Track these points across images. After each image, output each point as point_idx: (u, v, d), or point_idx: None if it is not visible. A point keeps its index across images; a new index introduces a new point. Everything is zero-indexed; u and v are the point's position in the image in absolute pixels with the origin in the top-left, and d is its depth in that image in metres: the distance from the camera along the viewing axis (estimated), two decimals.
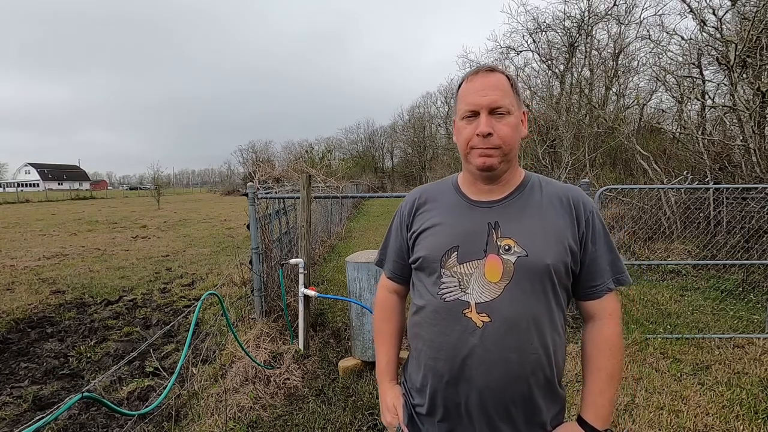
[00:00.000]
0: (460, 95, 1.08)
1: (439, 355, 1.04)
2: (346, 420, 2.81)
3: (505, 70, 1.09)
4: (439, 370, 1.04)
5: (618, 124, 11.04)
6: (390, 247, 1.25)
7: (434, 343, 1.05)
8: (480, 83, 1.03)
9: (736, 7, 7.86)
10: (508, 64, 17.34)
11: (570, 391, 3.09)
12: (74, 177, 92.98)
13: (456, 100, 1.10)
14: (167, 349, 4.12)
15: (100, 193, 51.93)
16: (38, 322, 4.95)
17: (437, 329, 1.04)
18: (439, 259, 1.04)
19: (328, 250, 8.88)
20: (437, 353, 1.04)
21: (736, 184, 6.64)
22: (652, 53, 11.77)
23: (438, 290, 1.04)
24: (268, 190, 4.70)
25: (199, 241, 11.09)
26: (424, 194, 1.18)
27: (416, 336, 1.11)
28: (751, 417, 2.71)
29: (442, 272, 1.04)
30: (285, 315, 3.92)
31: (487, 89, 1.01)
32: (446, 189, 1.16)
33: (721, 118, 8.36)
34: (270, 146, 52.90)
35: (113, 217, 18.66)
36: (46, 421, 1.45)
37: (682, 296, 5.42)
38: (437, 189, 1.18)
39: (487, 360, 0.98)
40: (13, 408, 3.11)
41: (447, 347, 1.02)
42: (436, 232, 1.08)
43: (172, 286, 6.56)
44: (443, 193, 1.15)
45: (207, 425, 2.66)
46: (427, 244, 1.08)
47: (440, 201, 1.14)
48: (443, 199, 1.14)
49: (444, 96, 34.22)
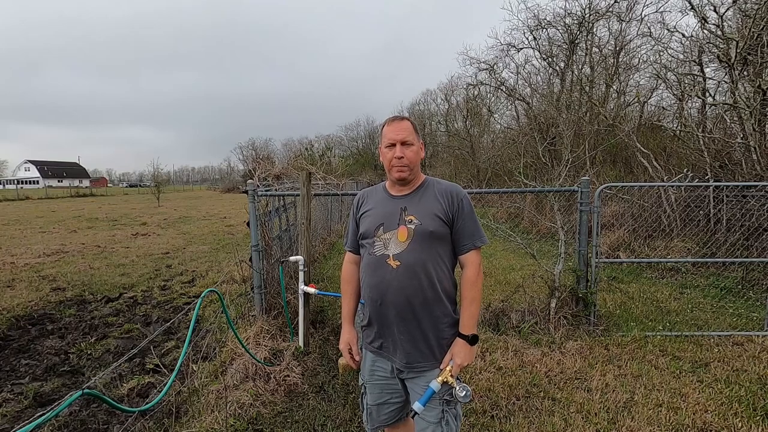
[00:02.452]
0: (384, 133, 1.73)
1: (372, 288, 1.70)
2: (346, 417, 2.82)
3: (409, 117, 1.78)
4: (373, 297, 1.70)
5: (618, 121, 11.02)
6: (350, 230, 1.90)
7: (370, 282, 1.71)
8: (395, 126, 1.69)
9: (738, 4, 7.83)
10: (509, 62, 17.33)
11: (569, 389, 3.10)
12: (74, 174, 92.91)
13: (381, 135, 1.76)
14: (167, 346, 4.13)
15: (100, 190, 51.89)
16: (39, 319, 4.95)
17: (370, 272, 1.71)
18: (373, 231, 1.71)
19: (328, 248, 8.90)
20: (371, 287, 1.70)
21: (736, 182, 6.63)
22: (652, 50, 11.73)
23: (372, 250, 1.70)
24: (268, 187, 4.69)
25: (199, 239, 11.09)
26: (365, 194, 1.87)
27: (362, 280, 1.78)
28: (750, 414, 2.72)
29: (374, 239, 1.70)
30: (285, 312, 3.93)
31: (399, 130, 1.68)
32: (379, 190, 1.83)
33: (721, 116, 8.34)
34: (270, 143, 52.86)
35: (113, 214, 18.65)
36: (47, 418, 1.45)
37: (682, 294, 5.43)
38: (373, 190, 1.86)
39: (398, 287, 1.63)
40: (14, 404, 3.12)
41: (376, 282, 1.68)
42: (370, 215, 1.75)
43: (173, 283, 6.57)
44: (377, 192, 1.82)
45: (207, 422, 2.66)
46: (365, 223, 1.75)
47: (374, 197, 1.82)
48: (376, 196, 1.82)
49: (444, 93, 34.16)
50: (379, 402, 1.80)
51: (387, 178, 1.81)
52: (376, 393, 1.80)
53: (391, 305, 1.65)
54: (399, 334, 1.67)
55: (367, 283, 1.73)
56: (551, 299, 4.26)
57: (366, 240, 1.73)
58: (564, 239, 4.36)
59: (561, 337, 3.95)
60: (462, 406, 1.75)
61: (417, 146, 1.71)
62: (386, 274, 1.65)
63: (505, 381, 3.21)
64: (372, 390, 1.81)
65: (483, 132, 23.40)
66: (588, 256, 4.17)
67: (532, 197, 10.11)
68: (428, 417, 1.64)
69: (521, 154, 13.24)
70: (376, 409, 1.82)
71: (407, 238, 1.64)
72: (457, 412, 1.68)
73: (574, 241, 4.42)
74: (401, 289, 1.63)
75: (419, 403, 1.59)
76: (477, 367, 3.42)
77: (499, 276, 6.37)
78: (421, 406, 1.59)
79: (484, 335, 3.99)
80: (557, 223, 4.51)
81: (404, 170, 1.68)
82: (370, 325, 1.76)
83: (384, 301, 1.66)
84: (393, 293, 1.64)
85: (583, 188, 4.12)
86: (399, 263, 1.63)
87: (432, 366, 1.66)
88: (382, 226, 1.68)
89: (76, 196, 37.45)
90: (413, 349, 1.66)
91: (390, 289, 1.64)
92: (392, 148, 1.68)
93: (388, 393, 1.78)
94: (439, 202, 1.67)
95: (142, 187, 69.40)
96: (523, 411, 2.82)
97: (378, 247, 1.68)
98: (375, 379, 1.79)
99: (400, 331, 1.67)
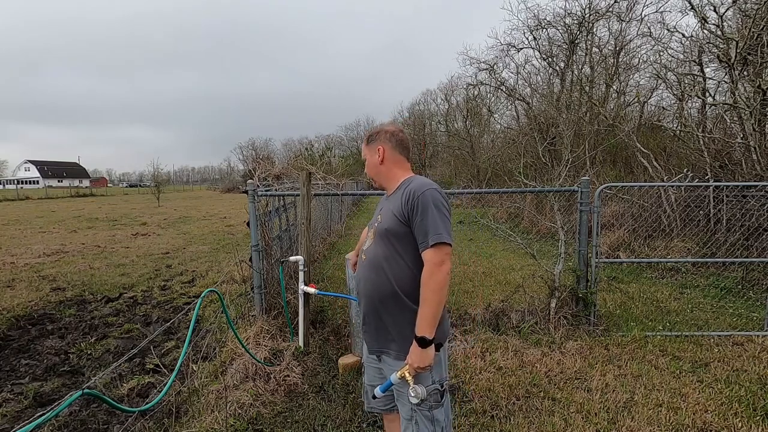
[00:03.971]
0: None
1: (355, 278, 1.96)
2: (346, 417, 2.82)
3: (369, 131, 1.92)
4: (356, 287, 1.95)
5: (618, 121, 11.01)
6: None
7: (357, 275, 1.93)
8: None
9: (738, 4, 7.83)
10: (509, 62, 17.33)
11: (569, 389, 3.10)
12: (74, 174, 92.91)
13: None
14: (167, 346, 4.13)
15: (99, 190, 51.87)
16: (39, 319, 4.95)
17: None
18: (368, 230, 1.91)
19: (328, 248, 8.89)
20: (357, 279, 1.92)
21: (736, 182, 6.63)
22: (652, 50, 11.72)
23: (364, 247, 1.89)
24: (268, 187, 4.69)
25: (199, 239, 11.09)
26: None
27: None
28: (750, 414, 2.72)
29: (368, 237, 1.86)
30: (285, 312, 3.93)
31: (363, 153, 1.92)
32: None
33: (721, 116, 8.34)
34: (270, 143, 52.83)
35: (113, 214, 18.65)
36: (47, 418, 1.45)
37: (682, 294, 5.43)
38: (384, 200, 1.98)
39: (365, 279, 1.80)
40: (14, 404, 3.12)
41: (356, 274, 1.94)
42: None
43: (172, 283, 6.56)
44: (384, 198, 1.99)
45: (207, 422, 2.66)
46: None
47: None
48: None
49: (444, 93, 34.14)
50: (371, 384, 1.91)
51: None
52: (370, 375, 1.92)
53: (362, 295, 1.82)
54: (368, 322, 1.81)
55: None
56: (551, 299, 4.26)
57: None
58: (564, 239, 4.36)
59: (561, 337, 3.95)
60: (445, 410, 1.72)
61: (371, 158, 1.85)
62: (360, 267, 1.86)
63: (505, 381, 3.21)
64: (367, 371, 1.95)
65: (483, 132, 23.37)
66: (588, 256, 4.17)
67: (532, 197, 10.11)
68: (402, 412, 1.74)
69: (521, 154, 13.24)
70: (370, 389, 1.91)
71: (374, 235, 1.79)
72: (431, 415, 1.67)
73: (574, 241, 4.42)
74: (366, 281, 1.78)
75: (378, 389, 1.74)
76: (477, 367, 3.42)
77: (499, 276, 6.37)
78: (379, 392, 1.73)
79: (484, 335, 3.99)
80: (557, 223, 4.51)
81: (373, 181, 1.90)
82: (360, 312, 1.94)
83: (359, 291, 1.86)
84: (362, 284, 1.82)
85: (583, 188, 4.12)
86: (365, 257, 1.81)
87: (396, 356, 1.71)
88: (370, 225, 1.88)
89: (76, 196, 37.44)
90: (378, 337, 1.78)
91: (361, 280, 1.83)
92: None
93: (378, 378, 1.87)
94: (399, 201, 1.71)
95: (142, 187, 69.35)
96: (523, 411, 2.82)
97: (366, 245, 1.86)
98: (368, 362, 1.92)
99: (368, 320, 1.81)
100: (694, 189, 7.11)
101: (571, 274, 4.38)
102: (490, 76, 18.31)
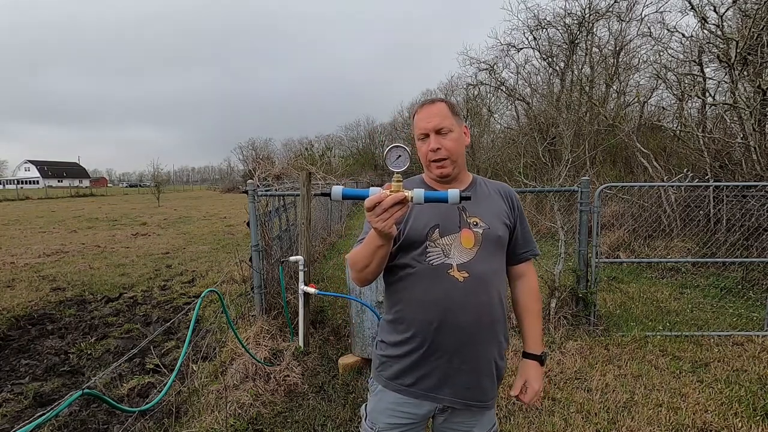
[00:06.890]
0: (414, 122, 1.38)
1: (428, 306, 1.29)
2: (346, 417, 2.82)
3: (448, 98, 1.44)
4: (428, 318, 1.29)
5: (618, 121, 11.01)
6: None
7: (424, 298, 1.30)
8: (426, 112, 1.34)
9: (738, 4, 7.82)
10: (509, 62, 17.32)
11: (569, 389, 3.10)
12: (74, 174, 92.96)
13: (412, 126, 1.41)
14: (167, 346, 4.13)
15: (99, 190, 51.88)
16: (39, 319, 4.95)
17: (425, 286, 1.30)
18: (424, 234, 1.31)
19: (328, 248, 8.89)
20: (426, 305, 1.29)
21: (736, 182, 6.63)
22: (652, 50, 11.72)
23: (426, 258, 1.30)
24: (268, 187, 4.69)
25: (199, 239, 11.09)
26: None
27: (400, 300, 1.35)
28: (750, 414, 2.72)
29: (426, 245, 1.31)
30: (285, 312, 3.93)
31: (430, 116, 1.33)
32: (417, 183, 1.42)
33: (721, 116, 8.34)
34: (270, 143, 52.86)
35: (113, 214, 18.65)
36: (46, 418, 1.45)
37: (682, 294, 5.43)
38: (409, 184, 1.39)
39: (466, 304, 1.28)
40: (14, 404, 3.12)
41: (435, 299, 1.28)
42: (416, 216, 1.33)
43: (172, 283, 6.56)
44: (415, 184, 1.40)
45: (207, 422, 2.66)
46: (410, 223, 1.32)
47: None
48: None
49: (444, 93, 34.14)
50: None
51: (424, 173, 1.46)
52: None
53: (455, 328, 1.28)
54: (460, 364, 1.30)
55: (417, 300, 1.31)
56: (551, 299, 4.26)
57: (412, 245, 1.32)
58: (564, 239, 4.36)
59: (561, 337, 3.95)
60: None
61: (457, 132, 1.34)
62: (451, 289, 1.28)
63: (504, 381, 3.20)
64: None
65: (483, 132, 23.35)
66: (588, 256, 4.17)
67: (532, 197, 10.10)
68: None
69: (521, 154, 13.22)
70: None
71: (474, 244, 1.31)
72: None
73: (574, 241, 4.42)
74: (472, 306, 1.28)
75: None
76: None
77: None
78: None
79: None
80: (557, 223, 4.51)
81: (445, 165, 1.33)
82: (407, 355, 1.33)
83: (443, 323, 1.28)
84: (459, 312, 1.28)
85: (583, 188, 4.12)
86: (467, 275, 1.28)
87: (492, 404, 1.39)
88: (438, 228, 1.31)
89: (76, 196, 37.44)
90: (476, 383, 1.33)
91: (454, 306, 1.28)
92: (426, 139, 1.34)
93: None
94: (503, 202, 1.42)
95: (142, 187, 69.38)
96: (523, 411, 2.82)
97: (434, 255, 1.30)
98: (395, 428, 1.36)
99: (463, 360, 1.30)
100: (694, 189, 7.11)
101: (571, 274, 4.38)
102: (490, 76, 18.31)
